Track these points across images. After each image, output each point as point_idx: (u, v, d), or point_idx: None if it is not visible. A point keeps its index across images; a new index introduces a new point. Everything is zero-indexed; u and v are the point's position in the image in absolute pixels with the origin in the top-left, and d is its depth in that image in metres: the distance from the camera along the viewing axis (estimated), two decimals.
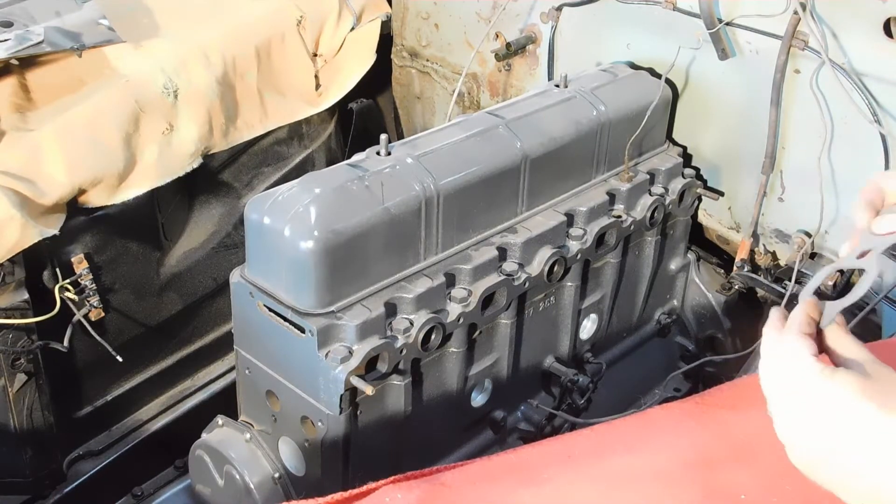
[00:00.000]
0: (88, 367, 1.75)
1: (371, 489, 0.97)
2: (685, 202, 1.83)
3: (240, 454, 1.49)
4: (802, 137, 1.68)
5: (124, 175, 1.64)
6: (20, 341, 1.55)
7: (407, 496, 0.94)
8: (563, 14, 1.93)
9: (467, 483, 0.98)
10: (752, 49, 1.68)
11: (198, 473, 1.57)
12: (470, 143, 1.51)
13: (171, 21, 1.86)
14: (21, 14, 1.71)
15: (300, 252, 1.30)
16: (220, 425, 1.53)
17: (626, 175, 1.72)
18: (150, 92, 1.67)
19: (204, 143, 1.77)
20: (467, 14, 2.11)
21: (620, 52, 1.87)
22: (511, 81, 2.09)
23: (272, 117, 1.93)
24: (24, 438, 1.64)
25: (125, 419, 1.88)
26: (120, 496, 1.83)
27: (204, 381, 2.00)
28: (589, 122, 1.65)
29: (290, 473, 1.47)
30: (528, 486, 0.96)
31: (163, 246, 1.84)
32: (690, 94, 1.82)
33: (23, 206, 1.46)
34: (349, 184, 1.36)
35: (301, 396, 1.37)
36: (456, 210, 1.46)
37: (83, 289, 1.65)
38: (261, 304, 1.38)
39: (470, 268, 1.47)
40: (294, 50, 1.95)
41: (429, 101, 2.31)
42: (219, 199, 1.92)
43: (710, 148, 1.85)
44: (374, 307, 1.35)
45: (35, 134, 1.53)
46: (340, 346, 1.32)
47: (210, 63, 1.77)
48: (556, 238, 1.58)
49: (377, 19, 2.11)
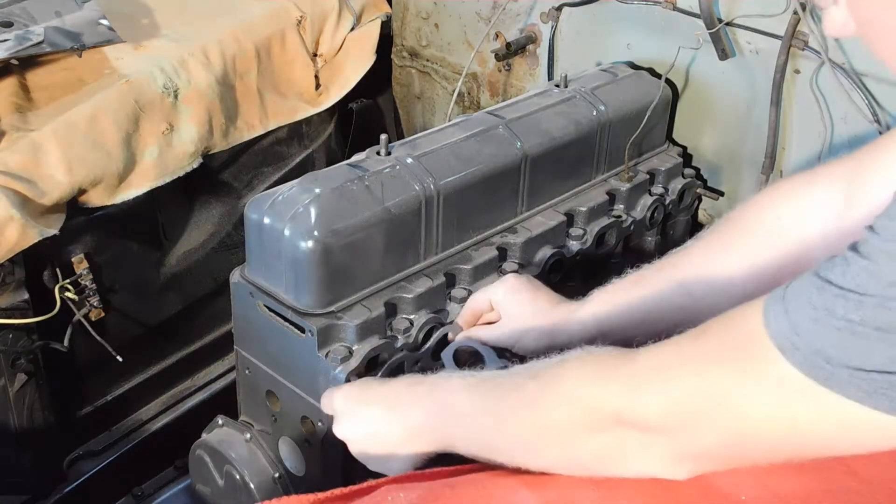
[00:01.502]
0: (88, 367, 1.75)
1: (372, 486, 0.97)
2: (685, 202, 1.83)
3: (240, 454, 1.49)
4: (802, 137, 1.68)
5: (124, 175, 1.64)
6: (20, 341, 1.55)
7: (409, 495, 0.95)
8: (563, 14, 1.93)
9: (469, 483, 0.98)
10: (752, 49, 1.68)
11: (198, 473, 1.57)
12: (470, 143, 1.51)
13: (171, 21, 1.85)
14: (21, 14, 1.71)
15: (300, 252, 1.30)
16: (220, 425, 1.53)
17: (626, 175, 1.72)
18: (150, 92, 1.67)
19: (204, 143, 1.77)
20: (467, 14, 2.11)
21: (620, 52, 1.87)
22: (511, 81, 2.09)
23: (272, 117, 1.93)
24: (24, 438, 1.64)
25: (125, 419, 1.88)
26: (120, 496, 1.83)
27: (204, 381, 2.00)
28: (589, 122, 1.65)
29: (290, 473, 1.47)
30: (531, 486, 0.96)
31: (163, 246, 1.84)
32: (690, 94, 1.82)
33: (23, 206, 1.46)
34: (349, 184, 1.36)
35: (301, 396, 1.37)
36: (456, 210, 1.46)
37: (83, 289, 1.64)
38: (261, 304, 1.38)
39: (470, 268, 1.47)
40: (294, 50, 1.95)
41: (429, 101, 2.31)
42: (219, 199, 1.92)
43: (710, 148, 1.85)
44: (374, 307, 1.35)
45: (35, 134, 1.52)
46: (340, 346, 1.33)
47: (210, 63, 1.77)
48: (556, 238, 1.58)
49: (377, 19, 2.11)
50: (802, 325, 0.76)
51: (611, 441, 0.91)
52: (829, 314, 0.75)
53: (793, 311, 0.77)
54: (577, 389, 0.94)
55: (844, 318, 0.74)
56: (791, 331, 0.77)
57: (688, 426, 0.86)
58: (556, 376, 0.97)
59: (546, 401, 0.96)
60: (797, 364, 0.76)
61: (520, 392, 1.00)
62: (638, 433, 0.89)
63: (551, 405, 0.96)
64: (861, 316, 0.73)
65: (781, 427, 0.80)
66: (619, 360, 0.92)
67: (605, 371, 0.92)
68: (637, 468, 0.91)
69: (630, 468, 0.92)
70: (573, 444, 0.94)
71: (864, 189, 1.08)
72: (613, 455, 0.92)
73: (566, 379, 0.96)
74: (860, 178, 1.09)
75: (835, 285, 0.75)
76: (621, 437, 0.90)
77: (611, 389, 0.90)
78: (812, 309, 0.76)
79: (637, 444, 0.89)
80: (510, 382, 1.03)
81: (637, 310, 1.25)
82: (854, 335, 0.73)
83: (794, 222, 1.16)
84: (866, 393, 0.74)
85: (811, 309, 0.76)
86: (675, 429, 0.87)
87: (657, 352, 0.90)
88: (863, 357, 0.73)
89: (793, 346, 0.76)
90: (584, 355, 0.97)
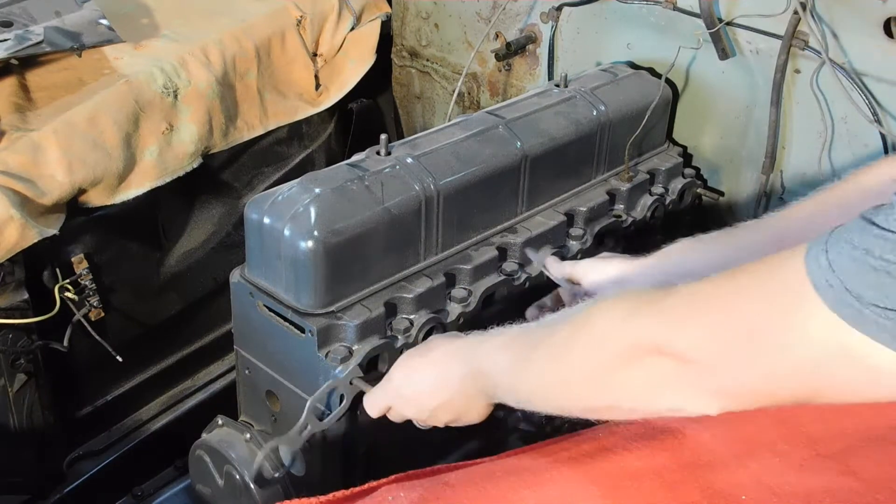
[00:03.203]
0: (88, 367, 1.75)
1: (372, 487, 0.97)
2: (685, 202, 1.83)
3: (240, 454, 1.49)
4: (802, 137, 1.68)
5: (124, 175, 1.64)
6: (20, 341, 1.55)
7: (409, 495, 0.95)
8: (563, 14, 1.93)
9: (469, 482, 0.98)
10: (752, 49, 1.68)
11: (198, 473, 1.56)
12: (470, 143, 1.51)
13: (171, 21, 1.86)
14: (21, 14, 1.71)
15: (300, 252, 1.30)
16: (220, 425, 1.53)
17: (626, 175, 1.72)
18: (150, 92, 1.67)
19: (204, 143, 1.77)
20: (467, 14, 2.11)
21: (620, 52, 1.88)
22: (511, 81, 2.09)
23: (272, 117, 1.93)
24: (24, 438, 1.64)
25: (125, 419, 1.88)
26: (120, 496, 1.83)
27: (204, 381, 2.00)
28: (589, 121, 1.65)
29: (291, 474, 1.47)
30: (530, 487, 0.96)
31: (163, 246, 1.84)
32: (690, 94, 1.82)
33: (23, 206, 1.46)
34: (349, 184, 1.36)
35: (301, 396, 1.37)
36: (456, 210, 1.46)
37: (83, 289, 1.64)
38: (261, 304, 1.38)
39: (470, 268, 1.47)
40: (294, 50, 1.95)
41: (429, 101, 2.31)
42: (219, 199, 1.92)
43: (710, 148, 1.85)
44: (374, 307, 1.35)
45: (35, 134, 1.52)
46: (340, 346, 1.33)
47: (210, 63, 1.77)
48: (556, 238, 1.58)
49: (377, 19, 2.11)
50: (839, 263, 0.76)
51: (644, 374, 0.91)
52: (868, 253, 0.75)
53: (833, 249, 0.77)
54: (610, 324, 0.94)
55: (881, 258, 0.74)
56: (828, 268, 0.77)
57: (721, 358, 0.86)
58: (589, 315, 0.97)
59: (581, 339, 0.97)
60: (828, 301, 0.76)
61: (553, 336, 1.01)
62: (672, 364, 0.88)
63: (585, 343, 0.96)
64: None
65: (808, 366, 0.80)
66: (655, 294, 0.92)
67: (640, 306, 0.93)
68: (670, 402, 0.91)
69: (663, 402, 0.92)
70: (608, 378, 0.95)
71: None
72: (647, 388, 0.92)
73: (599, 317, 0.96)
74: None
75: (877, 226, 0.75)
76: (655, 368, 0.90)
77: (646, 323, 0.90)
78: (852, 248, 0.76)
79: (671, 376, 0.89)
80: (542, 332, 1.04)
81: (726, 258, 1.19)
82: (889, 275, 0.73)
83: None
84: (892, 335, 0.73)
85: (851, 248, 0.76)
86: (708, 361, 0.86)
87: (695, 286, 0.89)
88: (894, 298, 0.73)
89: (827, 284, 0.76)
90: (618, 295, 0.97)
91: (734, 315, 0.84)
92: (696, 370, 0.87)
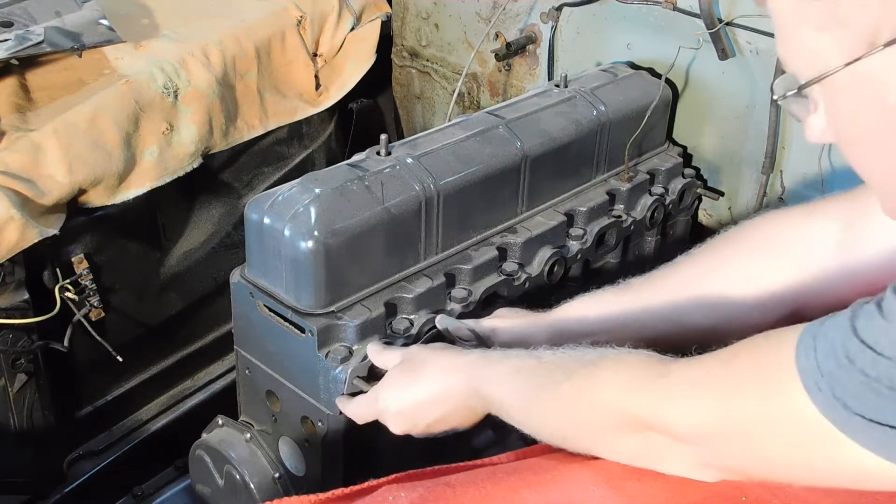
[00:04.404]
0: (88, 367, 1.75)
1: (373, 486, 0.97)
2: (685, 202, 1.83)
3: (240, 454, 1.49)
4: (802, 137, 1.66)
5: (124, 175, 1.64)
6: (20, 341, 1.55)
7: (409, 494, 0.95)
8: (563, 14, 1.93)
9: (470, 482, 0.98)
10: (752, 49, 1.68)
11: (198, 473, 1.57)
12: (470, 143, 1.51)
13: (171, 21, 1.85)
14: (21, 14, 1.71)
15: (300, 252, 1.30)
16: (220, 425, 1.53)
17: (626, 175, 1.72)
18: (150, 92, 1.67)
19: (204, 143, 1.77)
20: (467, 14, 2.11)
21: (620, 52, 1.87)
22: (511, 81, 2.09)
23: (272, 117, 1.93)
24: (24, 438, 1.64)
25: (125, 419, 1.88)
26: (120, 496, 1.83)
27: (204, 381, 2.00)
28: (589, 122, 1.65)
29: (291, 473, 1.47)
30: (531, 487, 0.96)
31: (163, 246, 1.84)
32: (690, 94, 1.82)
33: (23, 206, 1.46)
34: (349, 184, 1.36)
35: (301, 396, 1.37)
36: (456, 210, 1.46)
37: (83, 289, 1.64)
38: (261, 304, 1.38)
39: (470, 268, 1.47)
40: (294, 50, 1.95)
41: (429, 101, 2.31)
42: (219, 199, 1.92)
43: (710, 148, 1.85)
44: (374, 307, 1.35)
45: (35, 134, 1.52)
46: (340, 346, 1.33)
47: (210, 63, 1.77)
48: (556, 238, 1.58)
49: (377, 19, 2.11)
50: (827, 366, 0.77)
51: (641, 443, 0.95)
52: (851, 363, 0.76)
53: (821, 350, 0.79)
54: (610, 396, 0.97)
55: (862, 372, 0.75)
56: (816, 369, 0.78)
57: (712, 443, 0.89)
58: (591, 381, 1.00)
59: (581, 404, 1.00)
60: (819, 405, 0.78)
61: (555, 392, 1.03)
62: (667, 440, 0.92)
63: (586, 409, 0.99)
64: (877, 373, 0.74)
65: (798, 462, 0.82)
66: (652, 371, 0.95)
67: (638, 382, 0.95)
68: (667, 468, 0.95)
69: (660, 467, 0.95)
70: (606, 442, 0.99)
71: (866, 231, 1.08)
72: (645, 455, 0.96)
73: (600, 386, 0.99)
74: (858, 221, 1.09)
75: (858, 337, 0.76)
76: (651, 440, 0.93)
77: (643, 402, 0.93)
78: (836, 354, 0.77)
79: (666, 449, 0.93)
80: (544, 381, 1.05)
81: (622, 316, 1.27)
82: (870, 389, 0.74)
83: (795, 244, 1.16)
84: (879, 443, 0.75)
85: (836, 353, 0.77)
86: (700, 443, 0.90)
87: (689, 370, 0.92)
88: (876, 410, 0.74)
89: (816, 386, 0.78)
90: (618, 361, 1.00)
91: (726, 406, 0.87)
92: (691, 448, 0.91)
